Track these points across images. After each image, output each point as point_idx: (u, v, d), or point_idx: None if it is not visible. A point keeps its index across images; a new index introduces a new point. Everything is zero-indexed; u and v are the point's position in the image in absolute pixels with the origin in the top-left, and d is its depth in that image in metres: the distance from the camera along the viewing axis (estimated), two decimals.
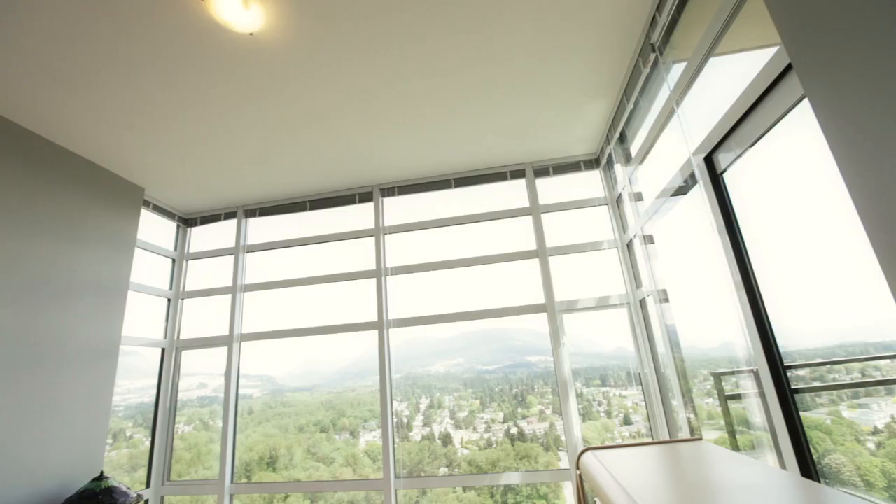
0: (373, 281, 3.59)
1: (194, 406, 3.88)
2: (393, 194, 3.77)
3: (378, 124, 2.92)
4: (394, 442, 3.23)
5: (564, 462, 3.16)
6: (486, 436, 3.44)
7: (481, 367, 3.70)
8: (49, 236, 2.78)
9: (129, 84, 2.37)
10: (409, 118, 2.88)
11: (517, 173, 3.62)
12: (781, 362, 1.52)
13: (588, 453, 1.52)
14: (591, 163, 3.54)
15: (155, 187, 3.56)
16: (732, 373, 2.11)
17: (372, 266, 3.62)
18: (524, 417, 3.43)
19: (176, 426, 3.73)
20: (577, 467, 1.53)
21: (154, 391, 3.69)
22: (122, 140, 2.87)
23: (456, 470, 3.35)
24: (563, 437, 3.27)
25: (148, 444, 3.59)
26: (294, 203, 3.92)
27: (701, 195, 1.89)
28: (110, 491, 2.56)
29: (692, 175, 2.01)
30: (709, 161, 1.83)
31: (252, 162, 3.27)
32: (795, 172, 1.45)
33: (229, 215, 4.03)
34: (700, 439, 1.59)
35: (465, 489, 3.32)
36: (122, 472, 3.43)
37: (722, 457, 1.33)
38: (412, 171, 3.61)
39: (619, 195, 3.22)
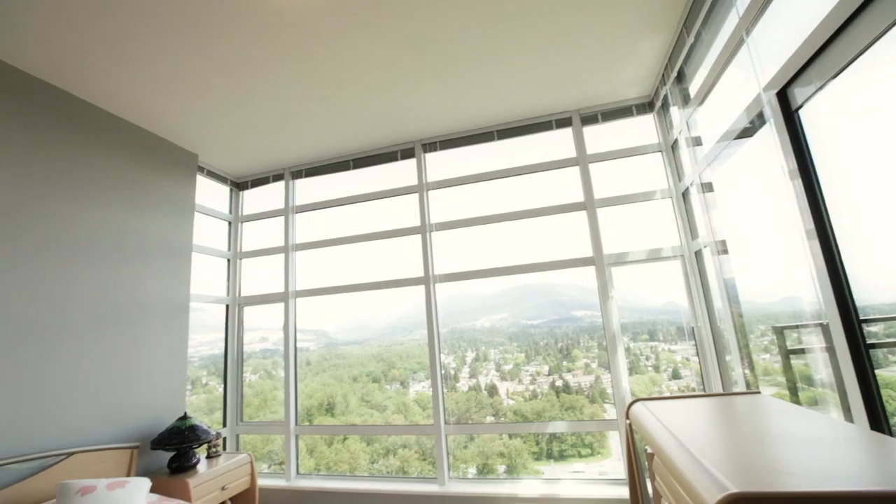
0: (418, 237, 3.63)
1: (258, 358, 4.22)
2: (435, 149, 3.72)
3: (419, 78, 2.84)
4: (442, 391, 3.38)
5: (610, 414, 3.18)
6: (531, 387, 3.52)
7: (526, 321, 3.72)
8: (121, 204, 3.00)
9: (176, 52, 2.43)
10: (450, 70, 2.78)
11: (563, 122, 3.44)
12: (857, 316, 1.42)
13: (638, 404, 1.52)
14: (644, 107, 3.29)
15: (207, 153, 3.71)
16: (796, 327, 2.00)
17: (416, 222, 3.65)
18: (569, 371, 3.46)
19: (244, 375, 4.08)
20: (627, 417, 1.54)
21: (222, 344, 4.03)
22: (174, 108, 2.98)
23: (502, 419, 3.47)
24: (608, 391, 3.28)
25: (221, 390, 3.97)
26: (338, 163, 3.97)
27: (771, 136, 1.72)
28: (194, 428, 2.89)
29: (760, 114, 1.82)
30: (782, 97, 1.65)
31: (296, 123, 3.31)
32: (883, 107, 1.28)
33: (277, 177, 4.16)
34: (758, 392, 1.54)
35: (511, 436, 3.45)
36: (202, 414, 3.84)
37: (783, 410, 1.28)
38: (454, 124, 3.52)
39: (675, 141, 3.00)
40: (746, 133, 2.02)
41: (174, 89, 2.77)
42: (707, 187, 2.59)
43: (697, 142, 2.68)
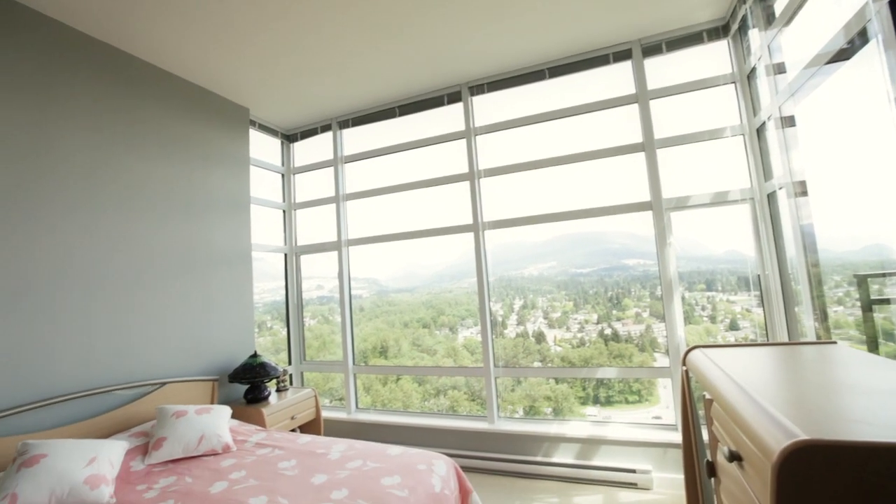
0: (466, 184, 3.58)
1: (315, 304, 4.48)
2: (482, 92, 3.56)
3: (465, 14, 2.67)
4: (491, 336, 3.46)
5: (661, 363, 3.14)
6: (579, 335, 3.52)
7: (575, 270, 3.66)
8: (185, 160, 3.17)
9: (224, 1, 2.42)
10: (498, 1, 2.59)
11: (622, 54, 3.15)
12: None
13: (696, 351, 1.47)
14: (717, 31, 2.93)
15: (257, 106, 3.78)
16: (881, 275, 1.83)
17: (464, 169, 3.59)
18: (619, 319, 3.41)
19: (304, 319, 4.37)
20: (684, 364, 1.50)
21: (283, 291, 4.31)
22: (223, 61, 3.02)
23: (549, 364, 3.53)
24: (660, 340, 3.22)
25: (284, 333, 4.30)
26: (384, 110, 3.91)
27: (876, 56, 1.48)
28: (264, 365, 3.18)
29: (863, 31, 1.57)
30: (894, 7, 1.40)
31: (341, 69, 3.26)
32: None
33: (325, 128, 4.18)
34: (834, 342, 1.44)
35: (557, 381, 3.51)
36: (269, 354, 4.19)
37: (862, 360, 1.20)
38: (502, 63, 3.33)
39: (753, 69, 2.68)
40: (842, 56, 1.76)
41: (223, 41, 2.79)
42: (787, 121, 2.32)
43: (780, 69, 2.37)
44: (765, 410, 0.85)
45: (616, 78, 3.22)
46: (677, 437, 2.75)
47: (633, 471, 2.76)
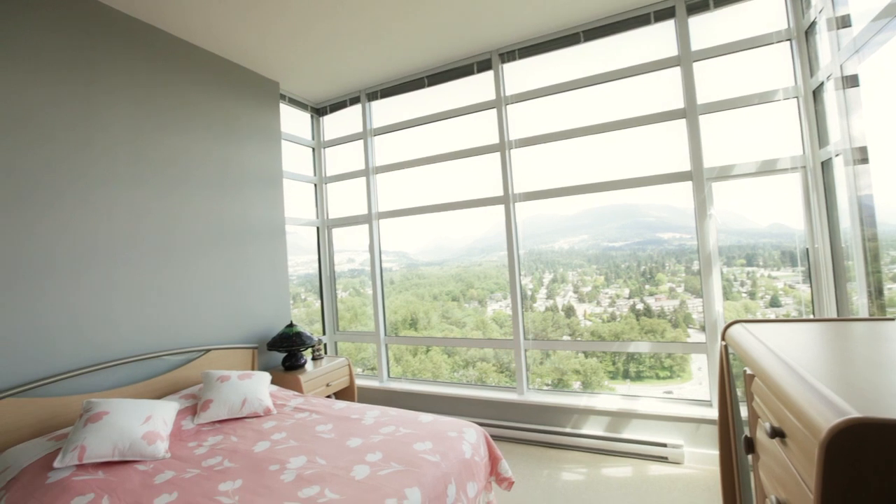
0: (496, 155, 3.51)
1: (346, 277, 4.58)
2: (513, 58, 3.43)
3: None
4: (521, 308, 3.45)
5: (695, 339, 3.07)
6: (609, 310, 3.46)
7: (607, 243, 3.57)
8: (218, 135, 3.23)
9: None
10: None
11: (664, 13, 2.95)
12: None
13: (737, 325, 1.42)
14: None
15: (287, 80, 3.79)
16: None
17: (495, 139, 3.51)
18: (651, 294, 3.33)
19: (336, 291, 4.49)
20: (723, 338, 1.46)
21: (315, 264, 4.42)
22: (252, 34, 3.02)
23: (578, 339, 3.51)
24: (694, 316, 3.13)
25: (318, 305, 4.43)
26: (412, 81, 3.85)
27: None
28: (300, 335, 3.30)
29: None
30: None
31: (369, 41, 3.21)
32: None
33: (354, 101, 4.16)
34: (891, 319, 1.36)
35: (587, 355, 3.50)
36: (304, 324, 4.35)
37: None
38: (534, 28, 3.18)
39: (812, 23, 2.46)
40: None
41: (252, 14, 2.78)
42: (849, 81, 2.13)
43: (844, 23, 2.16)
44: (812, 387, 0.82)
45: (656, 39, 3.03)
46: (711, 412, 2.71)
47: (664, 445, 2.75)
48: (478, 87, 3.62)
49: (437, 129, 3.90)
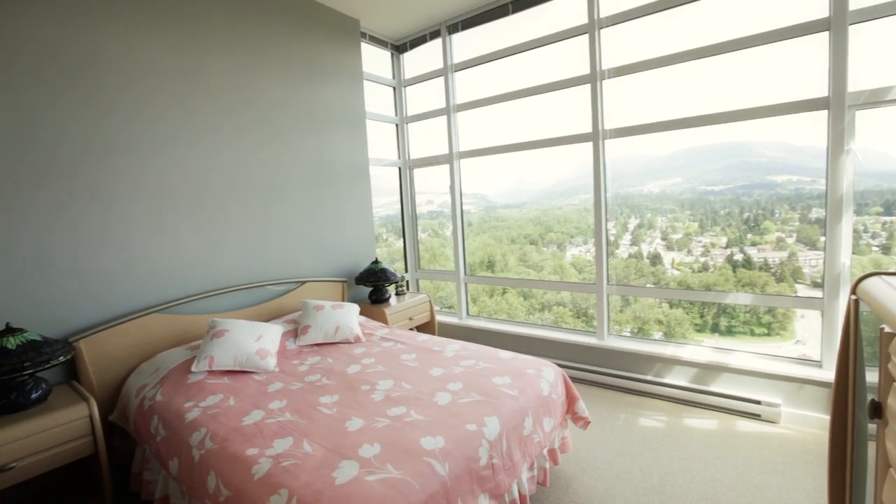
0: (586, 88, 3.22)
1: (425, 219, 4.67)
2: None
3: None
4: (606, 251, 3.31)
5: (804, 295, 2.75)
6: (702, 259, 3.20)
7: (704, 187, 3.22)
8: (305, 76, 3.32)
9: None
10: None
11: None
12: None
13: (874, 278, 1.23)
14: None
15: (367, 17, 3.72)
16: None
17: (585, 70, 3.21)
18: (754, 244, 2.99)
19: (417, 230, 4.62)
20: (854, 293, 1.28)
21: (397, 206, 4.55)
22: None
23: (665, 287, 3.31)
24: (805, 270, 2.79)
25: (399, 245, 4.61)
26: (495, 8, 3.57)
27: None
28: (384, 271, 3.50)
29: None
30: None
31: None
32: None
33: (434, 35, 4.00)
34: None
35: (672, 305, 3.31)
36: (386, 263, 4.58)
37: None
38: None
39: None
40: None
41: None
42: None
43: None
44: None
45: None
46: (820, 373, 2.48)
47: (758, 402, 2.59)
48: (568, 10, 3.27)
49: (519, 62, 3.64)
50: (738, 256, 3.04)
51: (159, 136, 2.51)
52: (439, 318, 4.20)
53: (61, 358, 1.86)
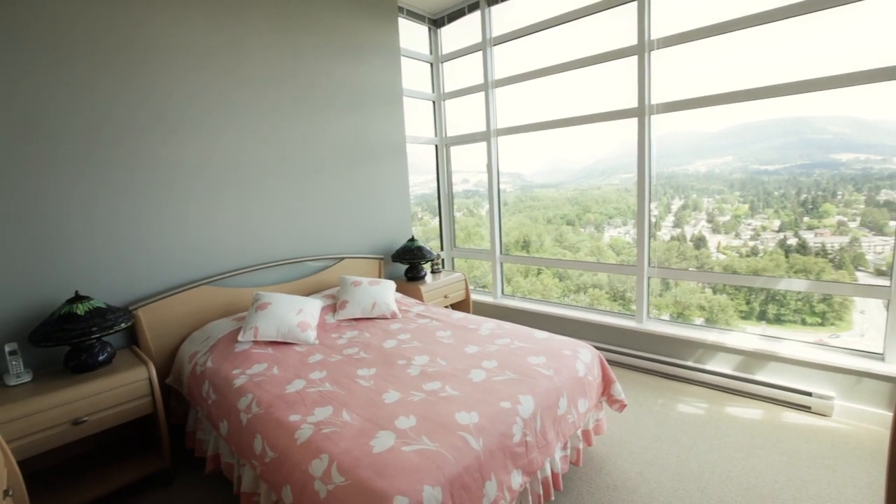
0: (632, 60, 3.05)
1: (460, 198, 4.64)
2: None
3: None
4: (649, 233, 3.19)
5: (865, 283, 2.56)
6: (751, 243, 3.02)
7: (758, 166, 3.02)
8: (341, 53, 3.31)
9: None
10: None
11: None
12: None
13: None
14: None
15: None
16: None
17: (632, 40, 3.03)
18: (811, 228, 2.79)
19: (453, 209, 4.60)
20: None
21: (433, 184, 4.54)
22: None
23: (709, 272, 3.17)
24: (868, 256, 2.59)
25: (434, 223, 4.62)
26: None
27: None
28: (420, 249, 3.52)
29: None
30: None
31: None
32: None
33: (472, 7, 3.88)
34: None
35: (715, 291, 3.17)
36: (421, 241, 4.61)
37: None
38: None
39: None
40: None
41: None
42: None
43: None
44: None
45: None
46: (882, 367, 2.32)
47: (809, 394, 2.46)
48: None
49: (561, 34, 3.48)
50: (792, 241, 2.85)
51: (209, 116, 2.59)
52: (474, 296, 4.21)
53: (123, 324, 2.00)
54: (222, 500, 1.97)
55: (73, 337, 1.84)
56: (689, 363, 2.92)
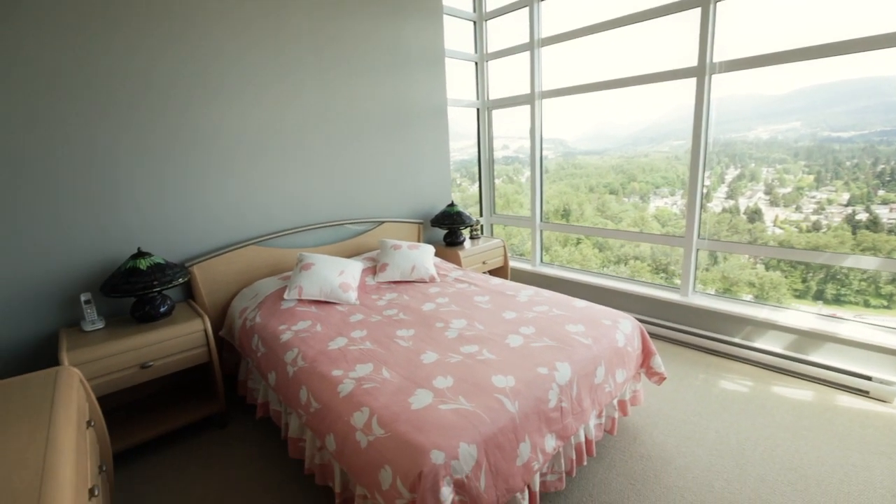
0: (694, 13, 2.80)
1: (500, 164, 4.54)
2: None
3: None
4: (701, 203, 3.02)
5: None
6: (813, 217, 2.80)
7: (829, 133, 2.75)
8: (381, 14, 3.22)
9: None
10: None
11: None
12: None
13: None
14: None
15: None
16: None
17: None
18: (886, 203, 2.55)
19: (494, 174, 4.52)
20: None
21: (473, 150, 4.45)
22: None
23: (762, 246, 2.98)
24: None
25: (473, 189, 4.57)
26: None
27: None
28: (460, 214, 3.51)
29: None
30: None
31: None
32: None
33: None
34: None
35: (768, 267, 2.99)
36: (461, 207, 4.59)
37: None
38: None
39: None
40: None
41: None
42: None
43: None
44: None
45: None
46: None
47: (869, 378, 2.32)
48: None
49: None
50: (862, 216, 2.62)
51: (250, 83, 2.62)
52: (514, 263, 4.18)
53: (181, 279, 2.14)
54: (271, 443, 2.13)
55: (137, 289, 1.99)
56: (736, 339, 2.81)
